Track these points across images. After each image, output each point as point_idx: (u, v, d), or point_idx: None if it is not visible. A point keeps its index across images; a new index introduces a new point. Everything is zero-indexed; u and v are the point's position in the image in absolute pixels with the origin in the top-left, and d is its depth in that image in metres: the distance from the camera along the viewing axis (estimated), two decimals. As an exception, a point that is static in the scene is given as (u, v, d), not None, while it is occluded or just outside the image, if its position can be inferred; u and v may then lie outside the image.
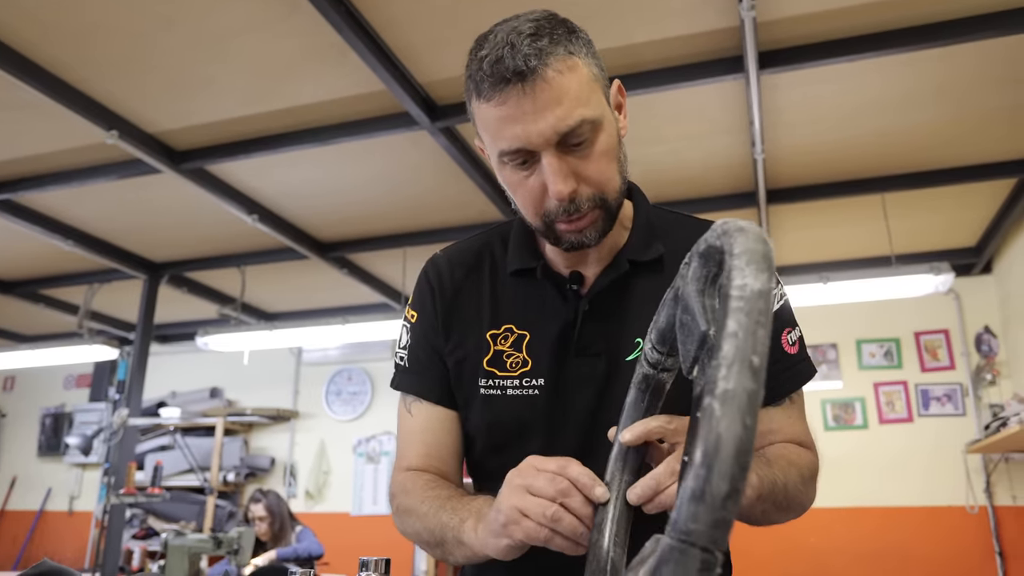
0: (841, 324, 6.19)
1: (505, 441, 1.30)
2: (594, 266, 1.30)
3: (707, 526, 0.54)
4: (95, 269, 6.26)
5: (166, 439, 7.68)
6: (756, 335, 0.59)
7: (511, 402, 1.28)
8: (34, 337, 8.26)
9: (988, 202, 5.06)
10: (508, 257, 1.35)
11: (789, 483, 1.16)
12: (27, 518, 8.29)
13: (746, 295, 0.62)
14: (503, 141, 1.13)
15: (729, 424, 0.56)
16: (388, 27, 3.28)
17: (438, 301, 1.36)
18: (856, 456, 5.95)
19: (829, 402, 6.15)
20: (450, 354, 1.34)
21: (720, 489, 0.54)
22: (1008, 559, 5.47)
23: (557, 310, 1.29)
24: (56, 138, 4.22)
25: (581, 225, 1.17)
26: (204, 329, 6.23)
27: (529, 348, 1.29)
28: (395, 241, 5.56)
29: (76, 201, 5.01)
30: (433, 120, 3.84)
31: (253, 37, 3.37)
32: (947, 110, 3.97)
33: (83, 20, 3.24)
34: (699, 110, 3.95)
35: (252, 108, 3.94)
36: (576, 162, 1.14)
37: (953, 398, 5.92)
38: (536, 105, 1.09)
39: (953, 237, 5.63)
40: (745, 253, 0.66)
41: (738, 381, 0.57)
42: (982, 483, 5.65)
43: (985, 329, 5.89)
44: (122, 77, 3.67)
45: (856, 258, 5.84)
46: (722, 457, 0.55)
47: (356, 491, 7.24)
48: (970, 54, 3.46)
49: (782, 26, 3.30)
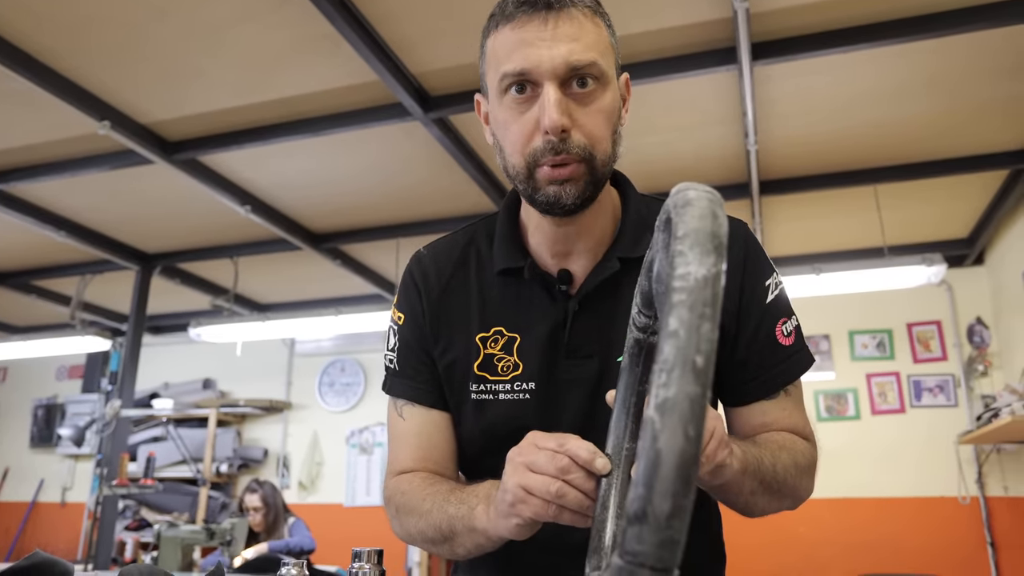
0: (834, 315, 6.21)
1: (499, 445, 1.24)
2: (582, 260, 1.27)
3: (653, 547, 0.52)
4: (87, 260, 6.25)
5: (159, 430, 7.67)
6: (700, 331, 0.55)
7: (503, 406, 1.26)
8: (26, 328, 8.24)
9: (980, 193, 5.07)
10: (494, 255, 1.31)
11: (779, 465, 1.14)
12: (19, 509, 8.29)
13: (688, 285, 0.56)
14: (511, 63, 1.11)
15: (669, 437, 0.52)
16: (381, 18, 3.28)
17: (424, 302, 1.33)
18: (848, 447, 5.98)
19: (822, 393, 6.17)
20: (440, 357, 1.31)
21: (663, 509, 0.52)
22: (1000, 549, 5.50)
23: (546, 311, 1.26)
24: (48, 128, 4.21)
25: (564, 173, 1.12)
26: (197, 320, 6.21)
27: (520, 351, 1.26)
28: (388, 232, 5.56)
29: (68, 192, 5.00)
30: (426, 111, 3.84)
31: (246, 28, 3.36)
32: (939, 101, 3.98)
33: (76, 11, 3.24)
34: (692, 101, 3.96)
35: (245, 99, 3.94)
36: (575, 107, 1.12)
37: (945, 389, 5.95)
38: (555, 34, 1.09)
39: (945, 228, 5.65)
40: (689, 235, 0.60)
41: (679, 387, 0.53)
42: (974, 474, 5.69)
43: (977, 320, 5.92)
44: (114, 67, 3.67)
45: (849, 249, 5.86)
46: (662, 475, 0.52)
47: (349, 482, 7.26)
48: (962, 45, 3.47)
49: (775, 17, 3.31)
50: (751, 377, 1.26)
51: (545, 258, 1.28)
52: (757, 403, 1.27)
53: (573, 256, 1.27)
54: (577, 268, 1.27)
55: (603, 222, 1.27)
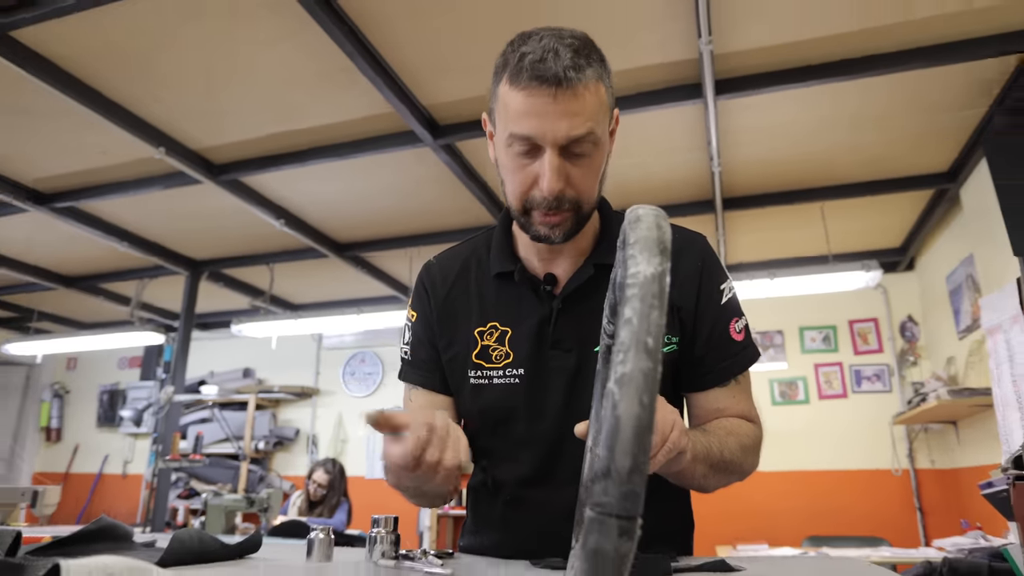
0: (786, 314, 6.21)
1: (493, 423, 1.30)
2: (565, 266, 1.29)
3: (617, 499, 0.53)
4: (145, 266, 6.23)
5: (206, 413, 7.67)
6: (650, 318, 0.57)
7: (496, 390, 1.28)
8: (93, 324, 8.23)
9: (910, 209, 5.07)
10: (491, 261, 1.34)
11: (726, 449, 1.15)
12: (88, 480, 8.27)
13: (639, 281, 0.59)
14: (519, 126, 1.11)
15: (627, 405, 0.54)
16: (396, 56, 3.27)
17: (433, 303, 1.36)
18: (799, 427, 5.97)
19: (776, 381, 6.16)
20: (445, 349, 1.33)
21: (624, 465, 0.53)
22: (927, 514, 5.51)
23: (534, 308, 1.28)
24: (113, 154, 4.20)
25: (554, 221, 1.16)
26: (238, 318, 6.20)
27: (511, 342, 1.28)
28: (402, 242, 5.54)
29: (129, 208, 4.99)
30: (436, 138, 3.83)
31: (279, 67, 3.35)
32: (876, 131, 3.98)
33: (138, 56, 3.24)
34: (664, 130, 3.95)
35: (279, 128, 3.93)
36: (570, 168, 1.13)
37: (881, 377, 5.95)
38: (560, 109, 1.08)
39: (881, 239, 5.64)
40: (638, 242, 0.63)
41: (634, 363, 0.55)
42: (905, 450, 5.68)
43: (908, 318, 5.92)
44: (169, 102, 3.66)
45: (799, 257, 5.84)
46: (622, 437, 0.53)
47: (369, 457, 7.24)
48: (897, 84, 3.46)
49: (735, 58, 3.30)
50: (708, 369, 1.27)
51: (533, 263, 1.31)
52: (712, 390, 1.28)
53: (557, 262, 1.29)
54: (561, 272, 1.29)
55: (584, 236, 1.28)
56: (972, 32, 3.11)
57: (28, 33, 3.09)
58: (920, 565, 1.42)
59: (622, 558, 0.54)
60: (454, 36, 3.13)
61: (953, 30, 3.10)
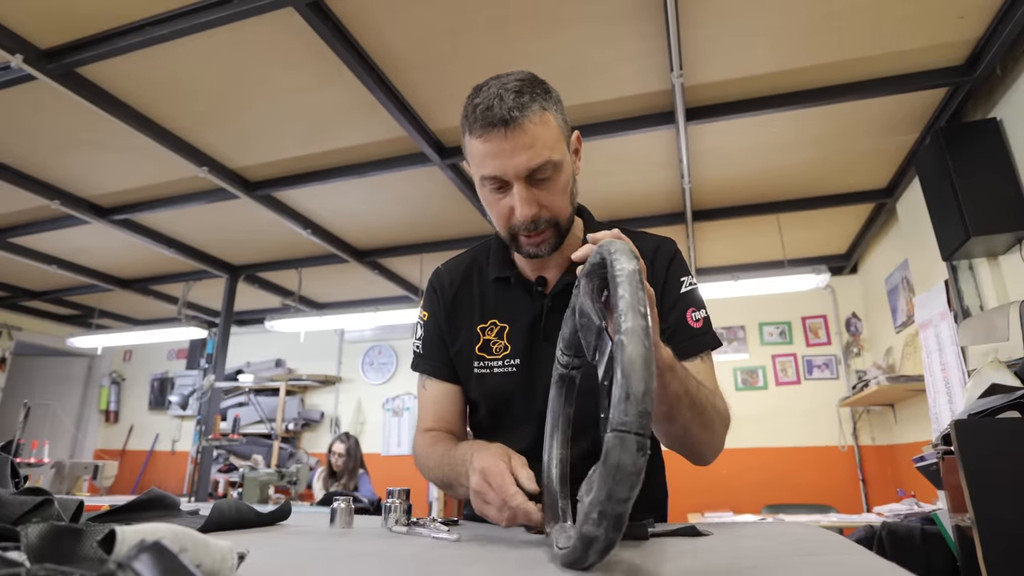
0: (747, 311, 6.21)
1: (495, 406, 1.31)
2: (554, 271, 1.30)
3: (635, 416, 0.57)
4: (190, 270, 6.21)
5: (243, 398, 7.65)
6: (638, 295, 0.64)
7: (497, 378, 1.29)
8: (145, 321, 8.20)
9: (854, 220, 5.07)
10: (490, 267, 1.36)
11: (701, 393, 1.06)
12: (141, 456, 8.24)
13: (626, 273, 0.67)
14: (485, 169, 1.12)
15: (635, 346, 0.60)
16: (410, 91, 3.27)
17: (442, 303, 1.38)
18: (758, 410, 5.97)
19: (738, 369, 6.16)
20: (452, 344, 1.35)
21: (638, 389, 0.58)
22: (869, 484, 5.51)
23: (527, 307, 1.30)
24: (162, 173, 4.19)
25: (537, 240, 1.17)
26: (271, 315, 6.21)
27: (509, 336, 1.29)
28: (414, 249, 5.53)
29: (176, 219, 4.97)
30: (443, 159, 3.82)
31: (309, 97, 3.35)
32: (825, 152, 3.98)
33: (184, 86, 3.22)
34: (642, 151, 3.95)
35: (307, 149, 3.92)
36: (539, 193, 1.13)
37: (830, 366, 5.95)
38: (513, 146, 1.08)
39: (829, 246, 5.64)
40: (618, 252, 0.71)
41: (634, 320, 0.62)
42: (850, 428, 5.68)
43: (853, 315, 5.93)
44: (211, 127, 3.65)
45: (759, 261, 5.85)
46: (636, 367, 0.59)
47: (384, 437, 7.23)
48: (842, 112, 3.47)
49: (703, 89, 3.30)
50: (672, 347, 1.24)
51: (526, 269, 1.32)
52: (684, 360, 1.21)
53: (547, 266, 1.31)
54: (550, 275, 1.31)
55: (570, 244, 1.28)
56: (906, 69, 3.13)
57: (92, 70, 3.08)
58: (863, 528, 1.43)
59: (639, 472, 0.57)
60: (458, 75, 3.13)
61: (890, 66, 3.11)
